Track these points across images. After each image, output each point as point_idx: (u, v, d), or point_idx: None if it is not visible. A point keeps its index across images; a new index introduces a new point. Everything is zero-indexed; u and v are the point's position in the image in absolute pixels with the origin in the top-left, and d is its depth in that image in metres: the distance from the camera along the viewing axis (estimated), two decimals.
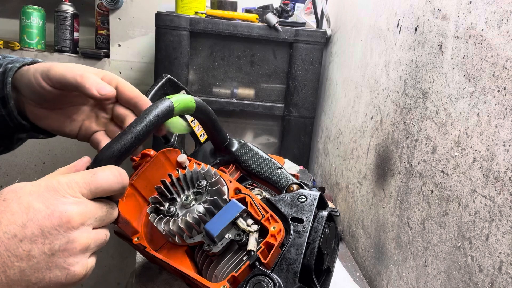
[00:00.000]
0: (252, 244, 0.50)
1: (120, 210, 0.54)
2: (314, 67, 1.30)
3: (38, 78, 0.50)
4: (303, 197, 0.55)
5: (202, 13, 1.29)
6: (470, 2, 0.59)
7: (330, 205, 0.92)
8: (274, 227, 0.51)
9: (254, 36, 1.26)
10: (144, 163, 0.61)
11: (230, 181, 0.59)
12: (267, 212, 0.53)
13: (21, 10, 1.61)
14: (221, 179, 0.59)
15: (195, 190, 0.57)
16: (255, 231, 0.51)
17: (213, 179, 0.56)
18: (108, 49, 1.71)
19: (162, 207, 0.57)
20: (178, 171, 0.59)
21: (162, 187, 0.58)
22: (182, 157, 0.62)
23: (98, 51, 1.70)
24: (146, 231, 0.58)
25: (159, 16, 1.24)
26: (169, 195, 0.58)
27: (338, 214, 0.57)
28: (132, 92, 0.53)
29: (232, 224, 0.52)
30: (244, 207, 0.53)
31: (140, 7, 1.66)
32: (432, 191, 0.65)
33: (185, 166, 0.61)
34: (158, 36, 1.25)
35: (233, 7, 1.32)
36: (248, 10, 1.40)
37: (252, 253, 0.49)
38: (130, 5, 1.66)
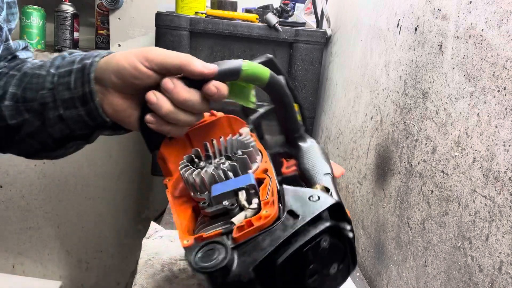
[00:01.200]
0: (237, 218, 0.47)
1: (164, 149, 0.57)
2: (314, 67, 1.31)
3: (134, 62, 0.50)
4: (316, 197, 0.47)
5: (202, 13, 1.29)
6: (470, 2, 0.59)
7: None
8: (266, 211, 0.46)
9: (254, 36, 1.26)
10: (207, 119, 0.62)
11: (266, 162, 0.57)
12: (272, 196, 0.49)
13: (21, 10, 1.61)
14: (255, 154, 0.56)
15: (229, 155, 0.56)
16: (250, 208, 0.48)
17: (246, 150, 0.54)
18: (108, 49, 1.71)
19: (197, 160, 0.56)
20: (229, 136, 0.58)
21: (208, 145, 0.58)
22: (245, 130, 0.60)
23: None
24: (178, 179, 0.58)
25: (159, 16, 1.24)
26: (207, 153, 0.58)
27: (351, 236, 0.47)
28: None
29: (235, 194, 0.50)
30: (253, 183, 0.50)
31: (140, 7, 1.66)
32: (432, 191, 0.65)
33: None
34: (158, 36, 1.25)
35: (233, 7, 1.32)
36: (248, 10, 1.40)
37: (232, 224, 0.46)
38: (130, 5, 1.66)
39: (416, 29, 0.75)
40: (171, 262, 0.73)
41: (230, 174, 0.53)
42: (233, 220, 0.46)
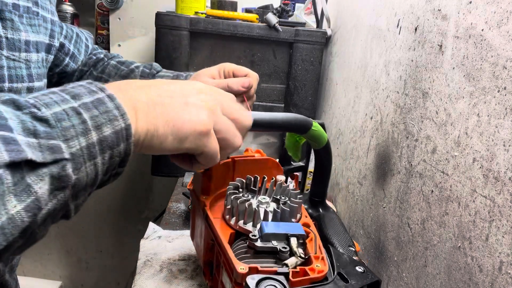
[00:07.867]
0: (289, 261, 0.51)
1: (214, 169, 0.61)
2: (314, 67, 1.30)
3: (214, 72, 0.80)
4: (362, 269, 0.54)
5: (202, 13, 1.28)
6: (470, 2, 0.59)
7: (330, 204, 0.92)
8: (319, 266, 0.51)
9: (254, 36, 1.26)
10: (255, 155, 0.68)
11: (306, 216, 0.62)
12: (321, 253, 0.53)
13: None
14: (299, 207, 0.61)
15: (277, 198, 0.61)
16: (299, 256, 0.52)
17: (296, 200, 0.59)
18: (108, 49, 1.71)
19: (241, 190, 0.61)
20: (273, 179, 0.64)
21: (252, 180, 0.63)
22: (282, 177, 0.66)
23: None
24: (213, 201, 0.63)
25: (159, 16, 1.24)
26: (252, 188, 0.63)
27: None
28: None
29: (285, 238, 0.54)
30: (304, 234, 0.54)
31: (140, 7, 1.66)
32: (432, 191, 0.65)
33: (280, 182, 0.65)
34: (158, 36, 1.25)
35: (233, 7, 1.32)
36: (248, 10, 1.40)
37: (286, 267, 0.50)
38: (130, 5, 1.66)
39: (416, 29, 0.75)
40: (170, 263, 0.73)
41: (279, 217, 0.57)
42: (287, 262, 0.50)
